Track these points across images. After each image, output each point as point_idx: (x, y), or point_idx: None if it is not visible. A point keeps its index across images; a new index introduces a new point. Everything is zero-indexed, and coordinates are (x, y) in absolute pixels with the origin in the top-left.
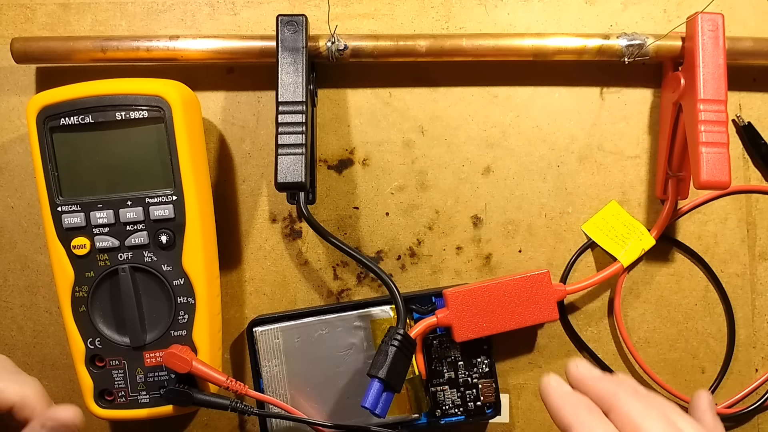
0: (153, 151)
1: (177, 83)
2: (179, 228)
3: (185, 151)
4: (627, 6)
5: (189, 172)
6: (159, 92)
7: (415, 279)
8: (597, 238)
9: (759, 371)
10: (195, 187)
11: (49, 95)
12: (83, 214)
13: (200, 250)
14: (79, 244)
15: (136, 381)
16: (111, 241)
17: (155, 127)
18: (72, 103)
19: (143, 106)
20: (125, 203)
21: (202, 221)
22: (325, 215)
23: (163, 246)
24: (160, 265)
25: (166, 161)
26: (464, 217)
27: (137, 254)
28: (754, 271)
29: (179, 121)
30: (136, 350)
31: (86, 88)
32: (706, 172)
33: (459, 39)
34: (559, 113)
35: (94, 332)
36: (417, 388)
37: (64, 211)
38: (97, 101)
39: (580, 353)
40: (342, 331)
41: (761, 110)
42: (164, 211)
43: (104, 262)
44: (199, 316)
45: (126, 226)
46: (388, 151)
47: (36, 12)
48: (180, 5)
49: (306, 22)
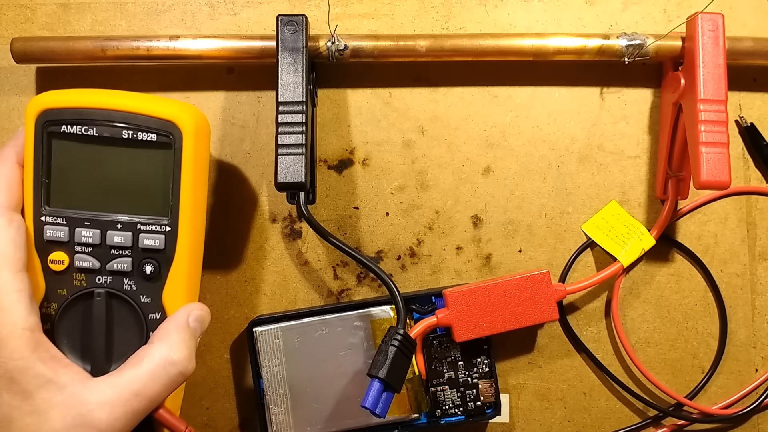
0: (155, 176)
1: (192, 107)
2: (166, 261)
3: (188, 182)
4: (627, 6)
5: (188, 204)
6: (172, 117)
7: (415, 279)
8: (597, 238)
9: (759, 371)
10: (191, 221)
11: (52, 97)
12: (67, 229)
13: (183, 287)
14: (57, 259)
15: None
16: (92, 262)
17: (162, 153)
18: (77, 111)
19: (153, 129)
20: (115, 225)
21: (190, 257)
22: (325, 215)
23: (146, 276)
24: (139, 295)
25: (167, 189)
26: (464, 217)
27: (117, 280)
28: (754, 271)
29: (188, 151)
30: None
31: (95, 98)
32: (706, 172)
33: (459, 39)
34: (559, 113)
35: None
36: (417, 388)
37: (47, 221)
38: (106, 115)
39: (580, 353)
40: (342, 331)
41: (761, 110)
42: (155, 240)
43: (80, 282)
44: None
45: (111, 249)
46: (388, 151)
47: (36, 12)
48: (180, 5)
49: (306, 22)
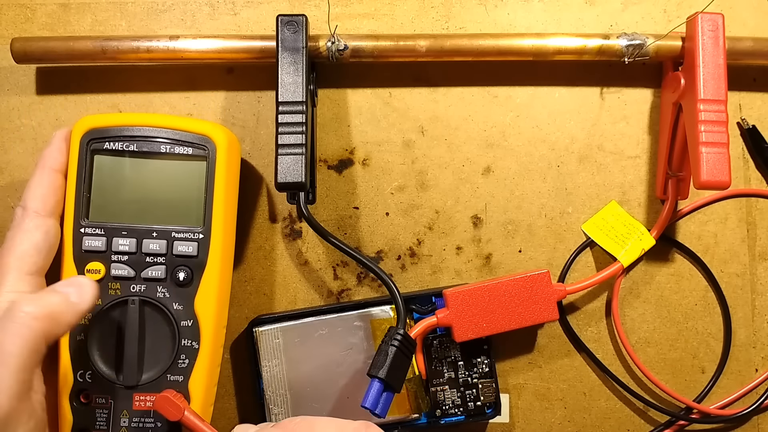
0: (189, 187)
1: (222, 127)
2: (199, 267)
3: (221, 192)
4: (627, 6)
5: (220, 213)
6: (207, 133)
7: (415, 279)
8: (597, 238)
9: (759, 371)
10: (223, 229)
11: (97, 119)
12: (105, 239)
13: (215, 293)
14: (93, 269)
15: (119, 425)
16: (127, 270)
17: (197, 165)
18: (120, 129)
19: (190, 143)
20: (150, 234)
21: (222, 264)
22: (325, 215)
23: (179, 283)
24: (172, 302)
25: (201, 199)
26: (464, 217)
27: (150, 288)
28: (754, 271)
29: (221, 163)
30: (127, 389)
31: (136, 119)
32: (706, 172)
33: (459, 39)
34: (559, 113)
35: (86, 364)
36: (417, 388)
37: (86, 233)
38: (145, 131)
39: (580, 353)
40: (342, 331)
41: (761, 110)
42: (188, 247)
43: (115, 291)
44: (200, 362)
45: (146, 257)
46: (388, 151)
47: (36, 12)
48: (180, 5)
49: (306, 22)
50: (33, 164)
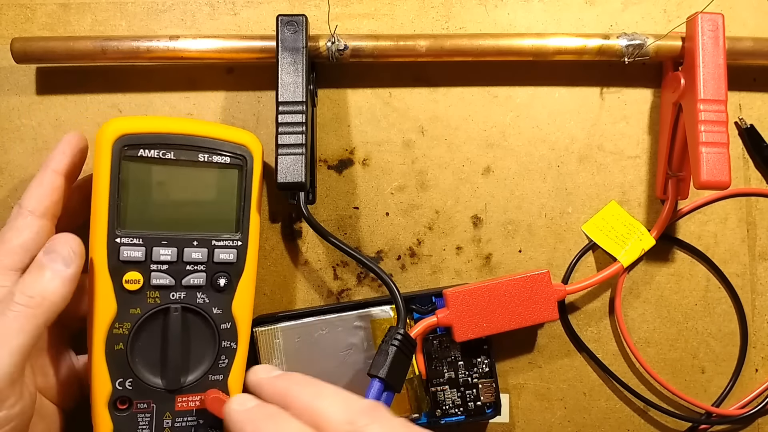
0: (226, 195)
1: (253, 135)
2: (237, 272)
3: (255, 200)
4: (627, 6)
5: (255, 220)
6: (244, 142)
7: (415, 279)
8: (597, 238)
9: (759, 371)
10: (256, 234)
11: (129, 123)
12: (144, 249)
13: (250, 296)
14: (132, 279)
15: (162, 426)
16: (168, 279)
17: (233, 173)
18: (156, 137)
19: (228, 152)
20: (191, 243)
21: (255, 267)
22: (325, 215)
23: (218, 289)
24: (211, 307)
25: (239, 207)
26: (464, 217)
27: (190, 295)
28: (754, 271)
29: (257, 171)
30: (170, 393)
31: (171, 124)
32: (706, 172)
33: (459, 39)
34: (559, 113)
35: (127, 372)
36: (417, 388)
37: (123, 243)
38: (184, 139)
39: (580, 353)
40: (342, 331)
41: (761, 110)
42: (228, 254)
43: (154, 299)
44: (238, 361)
45: (187, 265)
46: (388, 151)
47: (36, 12)
48: (180, 5)
49: (306, 22)
50: (33, 164)
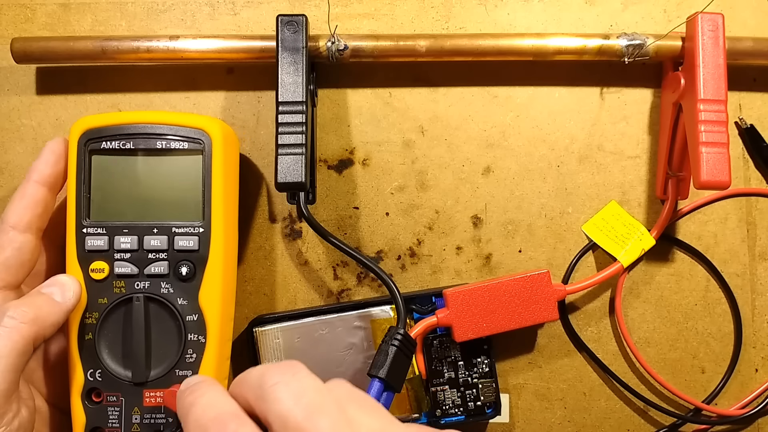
0: (187, 182)
1: (218, 120)
2: (201, 261)
3: (219, 186)
4: (627, 6)
5: (219, 207)
6: (202, 126)
7: (415, 279)
8: (597, 238)
9: (759, 371)
10: (223, 223)
11: (94, 119)
12: (107, 238)
13: (219, 287)
14: (97, 268)
15: (131, 422)
16: (130, 268)
17: (193, 159)
18: (116, 128)
19: (185, 137)
20: (151, 230)
21: (224, 258)
22: (325, 215)
23: (182, 278)
24: (176, 297)
25: (199, 193)
26: (464, 217)
27: (154, 284)
28: (754, 271)
29: (217, 156)
30: (137, 386)
31: (131, 116)
32: (706, 172)
33: (459, 39)
34: (559, 113)
35: (96, 363)
36: (417, 388)
37: (89, 233)
38: (141, 128)
39: (580, 353)
40: (342, 331)
41: (761, 110)
42: (189, 242)
43: (120, 289)
44: (208, 356)
45: (148, 253)
46: (388, 151)
47: (36, 12)
48: (180, 5)
49: (306, 22)
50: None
